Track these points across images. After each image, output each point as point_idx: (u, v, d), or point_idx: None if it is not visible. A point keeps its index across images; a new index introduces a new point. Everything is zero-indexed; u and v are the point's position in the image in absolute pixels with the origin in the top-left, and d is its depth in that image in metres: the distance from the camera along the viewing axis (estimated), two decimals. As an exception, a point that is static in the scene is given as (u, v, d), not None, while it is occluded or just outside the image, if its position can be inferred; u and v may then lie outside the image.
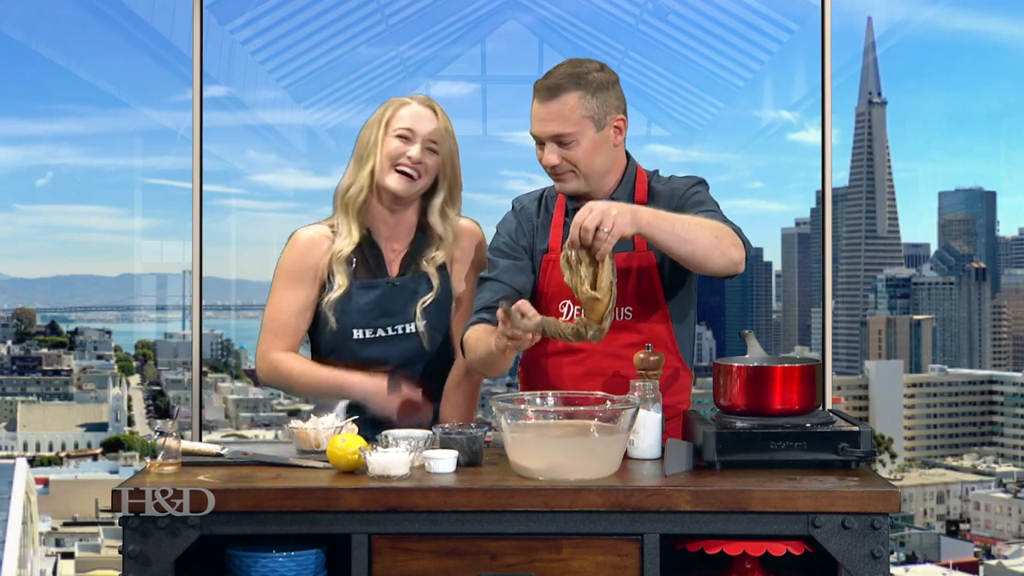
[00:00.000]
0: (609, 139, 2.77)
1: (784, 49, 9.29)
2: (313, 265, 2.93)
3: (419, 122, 2.89)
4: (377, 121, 2.92)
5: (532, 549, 2.31)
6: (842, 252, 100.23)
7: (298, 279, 2.93)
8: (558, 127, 2.73)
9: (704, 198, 2.78)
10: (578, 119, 2.72)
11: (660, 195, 2.81)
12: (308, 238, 2.95)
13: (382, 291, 2.92)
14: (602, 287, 2.44)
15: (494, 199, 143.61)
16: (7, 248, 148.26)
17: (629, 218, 2.46)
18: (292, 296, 2.93)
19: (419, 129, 2.89)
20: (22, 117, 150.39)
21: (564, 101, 2.72)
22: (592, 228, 2.42)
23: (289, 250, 2.96)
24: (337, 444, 2.42)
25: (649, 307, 2.78)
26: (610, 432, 2.39)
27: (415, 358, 2.91)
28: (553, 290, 2.81)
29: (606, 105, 2.75)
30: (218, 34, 8.26)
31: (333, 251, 2.92)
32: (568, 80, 2.72)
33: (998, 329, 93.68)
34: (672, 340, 2.81)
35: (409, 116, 2.90)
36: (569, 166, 2.76)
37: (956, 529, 59.80)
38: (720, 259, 2.57)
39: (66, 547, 41.48)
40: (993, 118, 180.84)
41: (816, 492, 2.28)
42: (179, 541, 2.31)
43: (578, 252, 2.45)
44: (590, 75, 2.74)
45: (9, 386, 66.55)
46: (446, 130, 2.92)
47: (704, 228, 2.57)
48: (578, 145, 2.74)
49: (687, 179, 2.85)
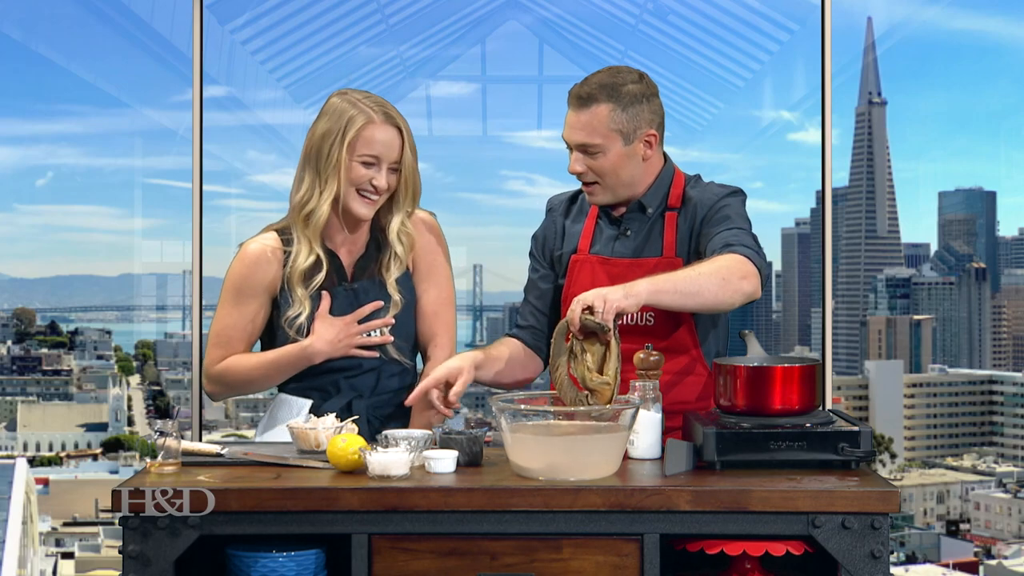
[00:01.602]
0: (638, 153, 2.76)
1: (784, 49, 9.29)
2: (261, 280, 2.86)
3: (387, 149, 2.80)
4: (338, 136, 2.79)
5: (532, 549, 2.31)
6: (842, 252, 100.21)
7: (246, 295, 2.86)
8: (585, 137, 2.73)
9: (731, 213, 2.75)
10: (606, 131, 2.72)
11: (691, 202, 2.81)
12: (256, 253, 2.86)
13: (340, 300, 2.86)
14: (609, 372, 2.44)
15: (494, 199, 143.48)
16: (7, 248, 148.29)
17: (622, 293, 2.45)
18: (239, 312, 2.86)
19: (385, 156, 2.80)
20: (22, 117, 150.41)
21: (594, 112, 2.72)
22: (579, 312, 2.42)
23: (238, 264, 2.88)
24: (337, 444, 2.42)
25: (672, 313, 2.74)
26: (610, 432, 2.39)
27: (380, 364, 2.87)
28: (577, 291, 2.80)
29: (637, 119, 2.73)
30: (218, 34, 8.25)
31: (291, 268, 2.84)
32: (601, 91, 2.72)
33: (998, 329, 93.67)
34: (695, 344, 2.80)
35: (377, 142, 2.79)
36: (594, 176, 2.77)
37: (956, 529, 59.80)
38: (732, 297, 2.55)
39: (66, 547, 41.49)
40: (993, 118, 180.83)
41: (816, 492, 2.28)
42: (179, 541, 2.31)
43: (582, 343, 2.45)
44: (625, 87, 2.72)
45: (9, 386, 66.56)
46: (410, 147, 2.84)
47: (708, 275, 2.54)
48: (604, 157, 2.74)
49: (722, 188, 2.83)
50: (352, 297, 2.87)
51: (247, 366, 2.86)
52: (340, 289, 2.87)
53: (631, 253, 2.82)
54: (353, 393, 2.86)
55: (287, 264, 2.85)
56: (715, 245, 2.66)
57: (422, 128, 38.25)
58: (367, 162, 2.80)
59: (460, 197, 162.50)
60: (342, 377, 2.85)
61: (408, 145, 2.83)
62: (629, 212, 2.84)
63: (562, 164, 2.89)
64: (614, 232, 2.85)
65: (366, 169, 2.80)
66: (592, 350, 2.45)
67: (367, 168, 2.80)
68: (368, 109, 2.80)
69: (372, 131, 2.80)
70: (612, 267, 2.80)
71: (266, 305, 2.88)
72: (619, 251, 2.83)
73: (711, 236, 2.71)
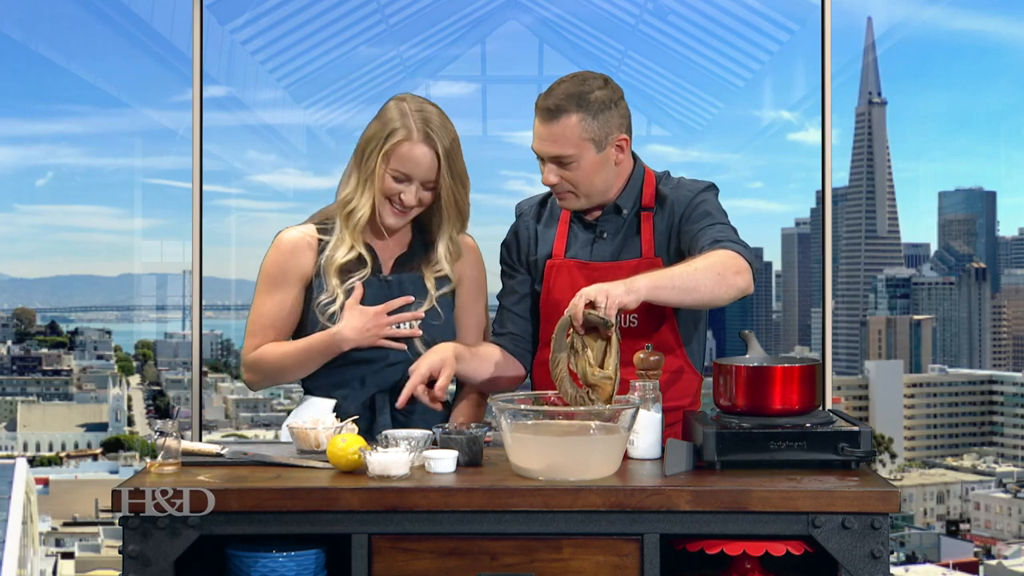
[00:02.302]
0: (610, 159, 2.76)
1: (784, 49, 9.30)
2: (296, 269, 2.88)
3: (416, 168, 2.79)
4: (378, 144, 2.81)
5: (532, 549, 2.31)
6: (842, 252, 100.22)
7: (281, 282, 2.88)
8: (557, 149, 2.72)
9: (711, 207, 2.76)
10: (578, 141, 2.71)
11: (667, 200, 2.81)
12: (293, 241, 2.89)
13: (374, 291, 2.87)
14: (610, 367, 2.44)
15: (494, 199, 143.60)
16: (7, 248, 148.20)
17: (624, 288, 2.45)
18: (275, 300, 2.88)
19: (416, 174, 2.79)
20: (22, 117, 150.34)
21: (564, 123, 2.70)
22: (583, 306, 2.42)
23: (273, 252, 2.90)
24: (337, 444, 2.42)
25: (655, 315, 2.77)
26: (610, 432, 2.39)
27: (407, 359, 2.86)
28: (556, 296, 2.81)
29: (607, 125, 2.73)
30: (218, 34, 8.26)
31: (328, 258, 2.86)
32: (569, 101, 2.70)
33: (998, 329, 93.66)
34: (679, 344, 2.81)
35: (409, 160, 2.79)
36: (568, 186, 2.77)
37: (956, 529, 59.80)
38: (727, 293, 2.56)
39: (66, 547, 41.47)
40: (993, 118, 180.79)
41: (816, 492, 2.28)
42: (179, 541, 2.31)
43: (583, 338, 2.45)
44: (592, 94, 2.71)
45: (9, 386, 66.54)
46: (449, 169, 2.81)
47: (704, 270, 2.55)
48: (578, 167, 2.73)
49: (695, 184, 2.83)
50: (386, 288, 2.88)
51: (279, 353, 2.87)
52: (375, 279, 2.88)
53: (610, 256, 2.81)
54: (376, 387, 2.86)
55: (323, 252, 2.87)
56: (703, 241, 2.67)
57: (422, 128, 37.92)
58: (398, 177, 2.80)
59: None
60: (368, 371, 2.85)
61: (447, 167, 2.80)
62: (604, 215, 2.84)
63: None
64: (590, 236, 2.85)
65: (396, 183, 2.81)
66: (593, 346, 2.45)
67: (397, 183, 2.81)
68: (411, 123, 2.79)
69: (407, 148, 2.79)
70: (592, 271, 2.79)
71: (301, 294, 2.89)
72: (598, 254, 2.82)
73: (695, 233, 2.71)
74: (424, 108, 2.82)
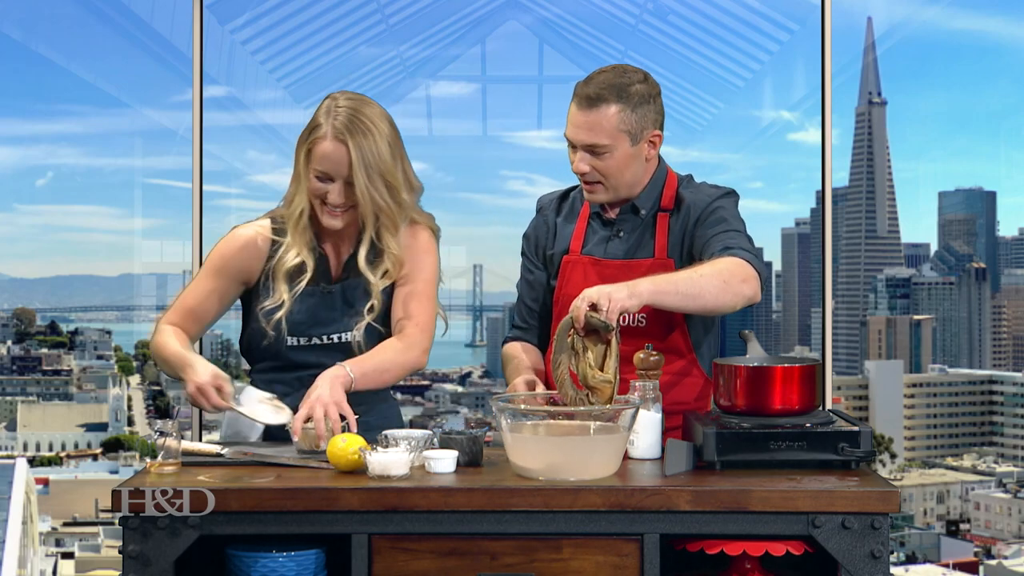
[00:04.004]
0: (643, 153, 2.76)
1: (784, 49, 9.30)
2: (238, 265, 2.86)
3: (334, 166, 2.73)
4: (303, 140, 2.77)
5: (532, 549, 2.31)
6: (842, 252, 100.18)
7: (218, 274, 2.87)
8: (593, 137, 2.72)
9: (726, 215, 2.75)
10: (615, 132, 2.71)
11: (686, 203, 2.80)
12: (244, 239, 2.86)
13: (318, 300, 2.84)
14: (610, 370, 2.44)
15: (494, 199, 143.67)
16: (7, 248, 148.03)
17: (626, 292, 2.45)
18: (204, 287, 2.87)
19: (337, 173, 2.74)
20: (22, 117, 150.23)
21: (603, 112, 2.70)
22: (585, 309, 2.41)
23: (223, 243, 2.88)
24: (337, 444, 2.42)
25: (664, 316, 2.75)
26: (610, 432, 2.39)
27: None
28: (568, 291, 2.80)
29: (644, 120, 2.73)
30: (218, 34, 8.26)
31: (277, 262, 2.82)
32: (610, 91, 2.70)
33: (998, 329, 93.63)
34: (688, 347, 2.80)
35: (324, 157, 2.73)
36: (598, 176, 2.76)
37: (956, 529, 59.77)
38: (733, 300, 2.56)
39: (66, 547, 41.47)
40: (993, 118, 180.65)
41: (816, 492, 2.28)
42: (179, 541, 2.31)
43: (584, 340, 2.45)
44: (632, 87, 2.71)
45: (9, 386, 66.52)
46: (363, 166, 2.72)
47: (709, 276, 2.54)
48: (611, 157, 2.73)
49: (715, 189, 2.83)
50: (329, 299, 2.85)
51: (167, 350, 2.82)
52: (317, 289, 2.85)
53: (623, 254, 2.81)
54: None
55: (273, 257, 2.85)
56: (713, 248, 2.66)
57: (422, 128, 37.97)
58: (320, 176, 2.76)
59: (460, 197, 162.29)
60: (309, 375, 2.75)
61: (360, 165, 2.72)
62: (622, 213, 2.84)
63: (562, 164, 2.88)
64: (607, 233, 2.85)
65: (320, 183, 2.77)
66: (593, 348, 2.45)
67: (320, 182, 2.77)
68: (330, 120, 2.74)
69: (322, 146, 2.74)
70: (604, 268, 2.79)
71: (235, 290, 2.89)
72: (611, 252, 2.82)
73: (707, 238, 2.71)
74: (348, 105, 2.75)
